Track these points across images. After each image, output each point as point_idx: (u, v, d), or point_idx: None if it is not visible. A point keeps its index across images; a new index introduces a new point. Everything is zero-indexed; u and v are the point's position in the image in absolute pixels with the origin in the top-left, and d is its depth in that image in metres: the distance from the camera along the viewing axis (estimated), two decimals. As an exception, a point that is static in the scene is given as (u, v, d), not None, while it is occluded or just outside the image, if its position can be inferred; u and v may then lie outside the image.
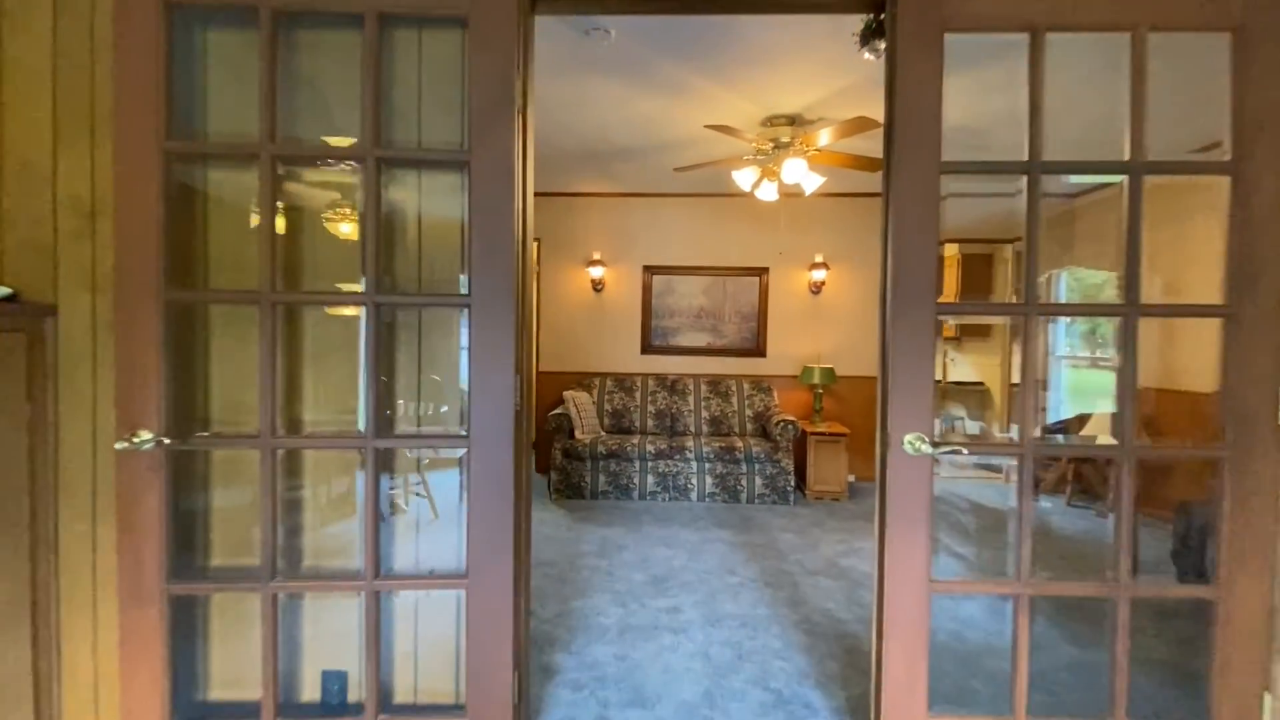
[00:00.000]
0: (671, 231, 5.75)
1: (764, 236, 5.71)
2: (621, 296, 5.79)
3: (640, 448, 4.85)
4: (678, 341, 5.76)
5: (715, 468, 4.88)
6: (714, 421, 5.37)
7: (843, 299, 5.70)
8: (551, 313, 5.84)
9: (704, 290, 5.76)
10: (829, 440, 5.07)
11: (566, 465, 4.91)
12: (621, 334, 5.80)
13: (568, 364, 5.86)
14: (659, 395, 5.44)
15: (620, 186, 5.53)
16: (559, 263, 5.83)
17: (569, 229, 5.80)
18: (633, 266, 5.78)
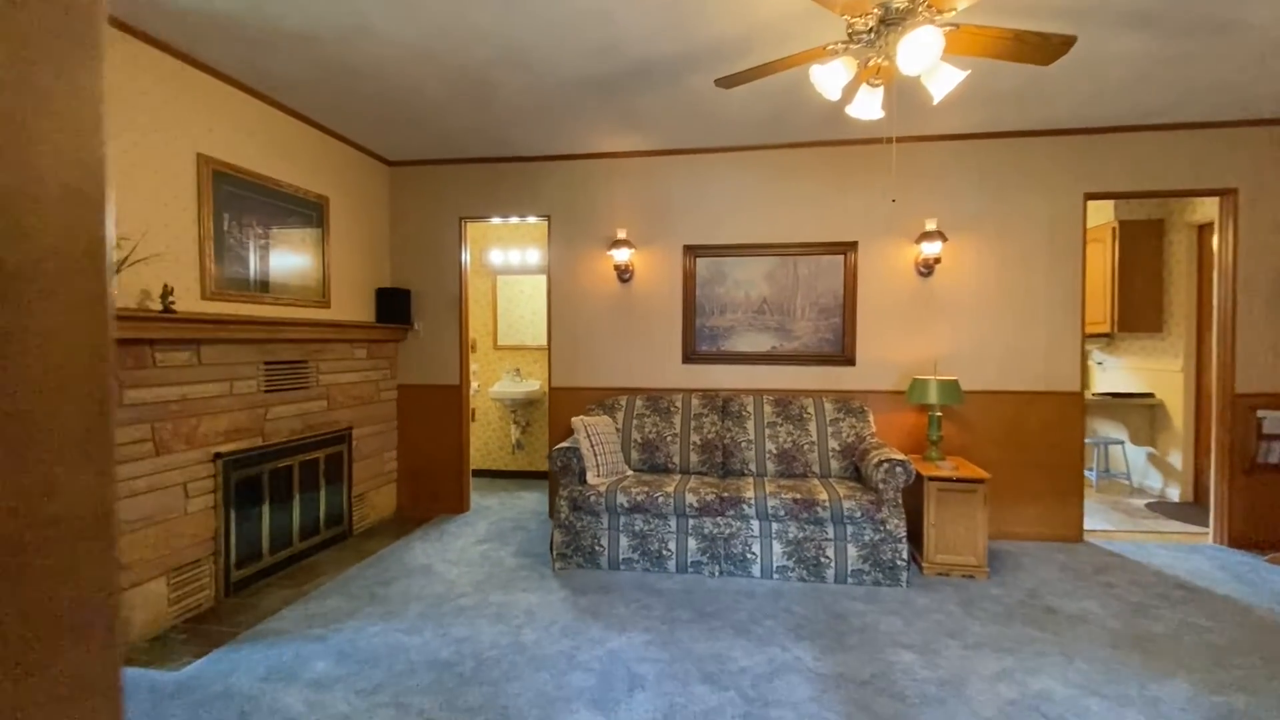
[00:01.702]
0: (721, 198, 4.27)
1: (852, 197, 4.14)
2: (655, 287, 4.36)
3: (678, 498, 3.38)
4: (731, 346, 4.27)
5: (787, 529, 3.35)
6: (783, 457, 3.83)
7: (966, 282, 4.05)
8: (564, 309, 4.47)
9: (767, 276, 4.24)
10: (959, 489, 3.44)
11: (575, 521, 3.51)
12: (655, 337, 4.36)
13: (584, 377, 4.46)
14: (706, 420, 3.96)
15: (650, 142, 4.11)
16: (573, 245, 4.45)
17: (586, 201, 4.42)
18: (669, 247, 4.33)
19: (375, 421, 4.45)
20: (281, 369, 3.54)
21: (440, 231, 4.63)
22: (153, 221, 2.80)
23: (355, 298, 4.29)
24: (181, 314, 2.81)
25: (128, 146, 2.67)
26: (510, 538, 4.07)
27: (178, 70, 2.92)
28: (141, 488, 2.72)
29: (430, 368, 4.66)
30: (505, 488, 5.51)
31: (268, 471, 3.43)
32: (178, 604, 2.90)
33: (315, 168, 3.88)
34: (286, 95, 3.41)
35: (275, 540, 3.48)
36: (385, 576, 3.41)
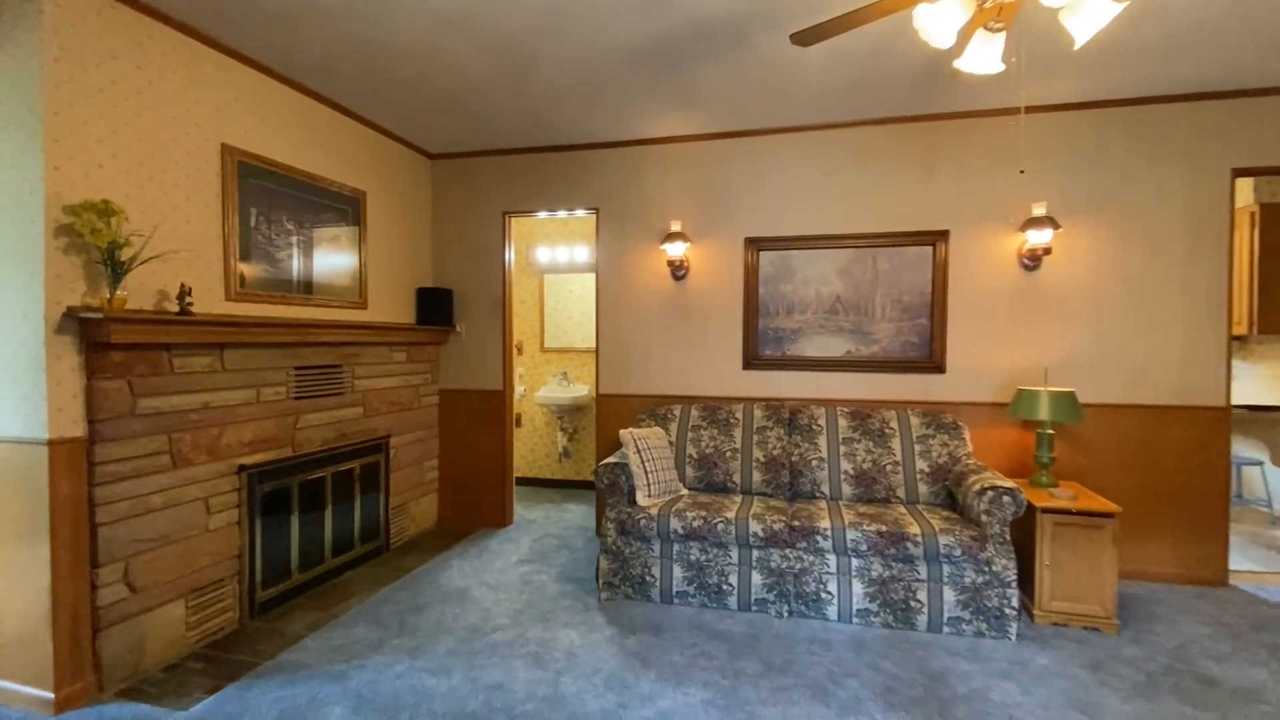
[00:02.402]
0: (788, 185, 3.81)
1: (942, 180, 3.60)
2: (713, 285, 3.93)
3: (740, 527, 2.96)
4: (799, 350, 3.80)
5: (870, 567, 2.87)
6: (861, 479, 3.34)
7: (1081, 276, 3.45)
8: (613, 310, 4.11)
9: (841, 271, 3.75)
10: (1081, 523, 2.88)
11: (623, 547, 3.13)
12: (713, 340, 3.94)
13: (634, 383, 4.08)
14: (770, 434, 3.51)
15: (708, 123, 3.68)
16: (623, 240, 4.08)
17: (637, 192, 4.04)
18: (729, 241, 3.90)
19: (415, 428, 4.21)
20: (313, 374, 3.32)
21: (483, 227, 4.35)
22: (172, 217, 2.59)
23: (394, 298, 4.06)
24: (200, 316, 2.60)
25: (143, 134, 2.47)
26: (553, 558, 3.73)
27: (200, 55, 2.71)
28: (157, 504, 2.51)
29: (472, 372, 4.39)
30: (551, 498, 5.20)
31: (297, 484, 3.21)
32: (197, 628, 2.69)
33: (351, 160, 3.65)
34: (316, 80, 3.18)
35: (305, 557, 3.25)
36: (418, 601, 3.13)
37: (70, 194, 2.21)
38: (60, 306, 2.19)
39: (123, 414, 2.38)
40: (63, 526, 2.20)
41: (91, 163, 2.28)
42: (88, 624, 2.29)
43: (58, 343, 2.18)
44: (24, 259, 2.16)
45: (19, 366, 2.18)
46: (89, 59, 2.27)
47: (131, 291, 2.41)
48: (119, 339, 2.24)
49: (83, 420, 2.26)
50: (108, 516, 2.33)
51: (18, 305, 2.17)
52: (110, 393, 2.33)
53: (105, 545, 2.33)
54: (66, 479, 2.21)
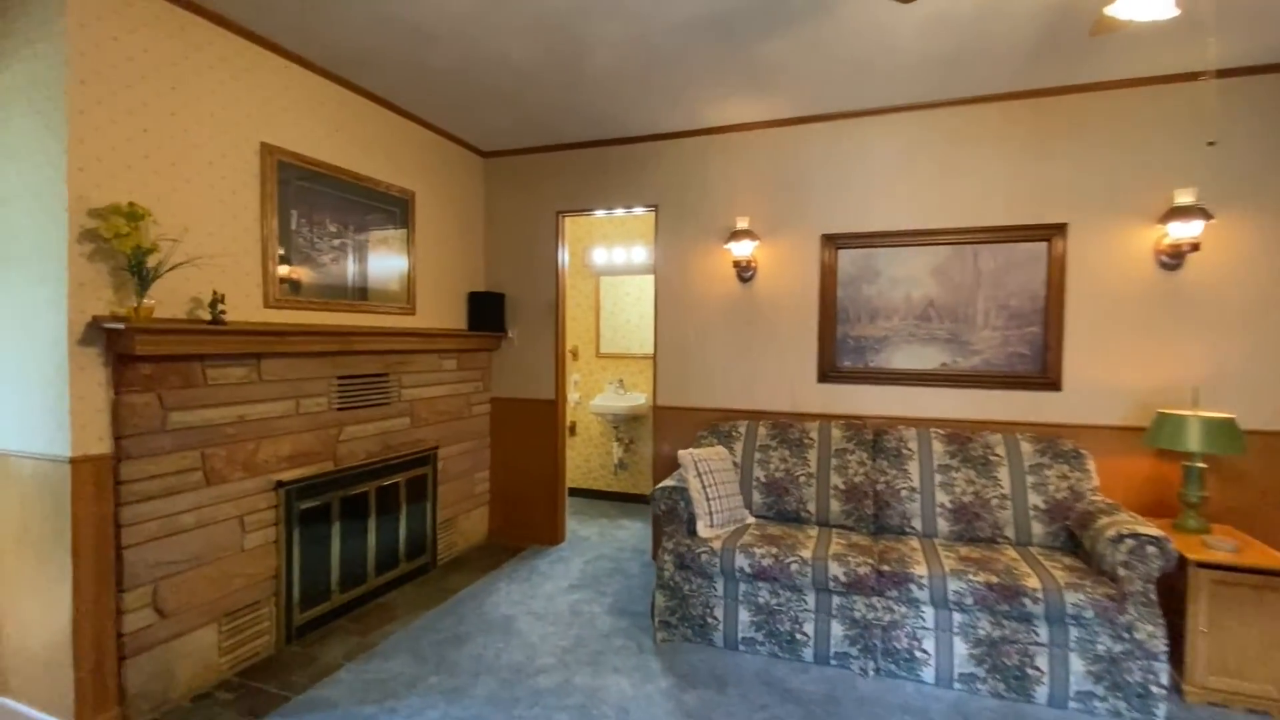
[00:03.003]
0: (872, 174, 3.36)
1: (1058, 164, 3.07)
2: (784, 287, 3.54)
3: (818, 569, 2.57)
4: (884, 362, 3.35)
5: (976, 623, 2.42)
6: (960, 514, 2.87)
7: (1239, 276, 2.85)
8: (672, 315, 3.78)
9: (935, 271, 3.27)
10: (1252, 583, 2.32)
11: (682, 582, 2.79)
12: (783, 349, 3.54)
13: (695, 395, 3.73)
14: (851, 457, 3.09)
15: (780, 107, 3.29)
16: (683, 239, 3.74)
17: (700, 186, 3.69)
18: (803, 238, 3.49)
19: (465, 439, 4.01)
20: (358, 384, 3.15)
21: (536, 228, 4.11)
22: (207, 220, 2.45)
23: (445, 303, 3.88)
24: (233, 325, 2.45)
25: (175, 133, 2.33)
26: (606, 585, 3.44)
27: (238, 49, 2.57)
28: (189, 523, 2.37)
29: (524, 380, 4.16)
30: (605, 512, 4.92)
31: (339, 499, 3.05)
32: (230, 653, 2.55)
33: (399, 159, 3.48)
34: (359, 73, 3.00)
35: (346, 577, 3.09)
36: (460, 630, 2.90)
37: (96, 197, 2.08)
38: (84, 316, 2.06)
39: (152, 429, 2.24)
40: (86, 549, 2.08)
41: (119, 164, 2.15)
42: (113, 652, 2.16)
43: (81, 355, 2.05)
44: (48, 266, 2.04)
45: (43, 380, 2.06)
46: (117, 54, 2.14)
47: (163, 299, 2.27)
48: (144, 351, 2.10)
49: (108, 436, 2.13)
50: (135, 538, 2.20)
51: (41, 315, 2.06)
52: (138, 407, 2.20)
53: (131, 568, 2.19)
54: (90, 499, 2.08)
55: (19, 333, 2.11)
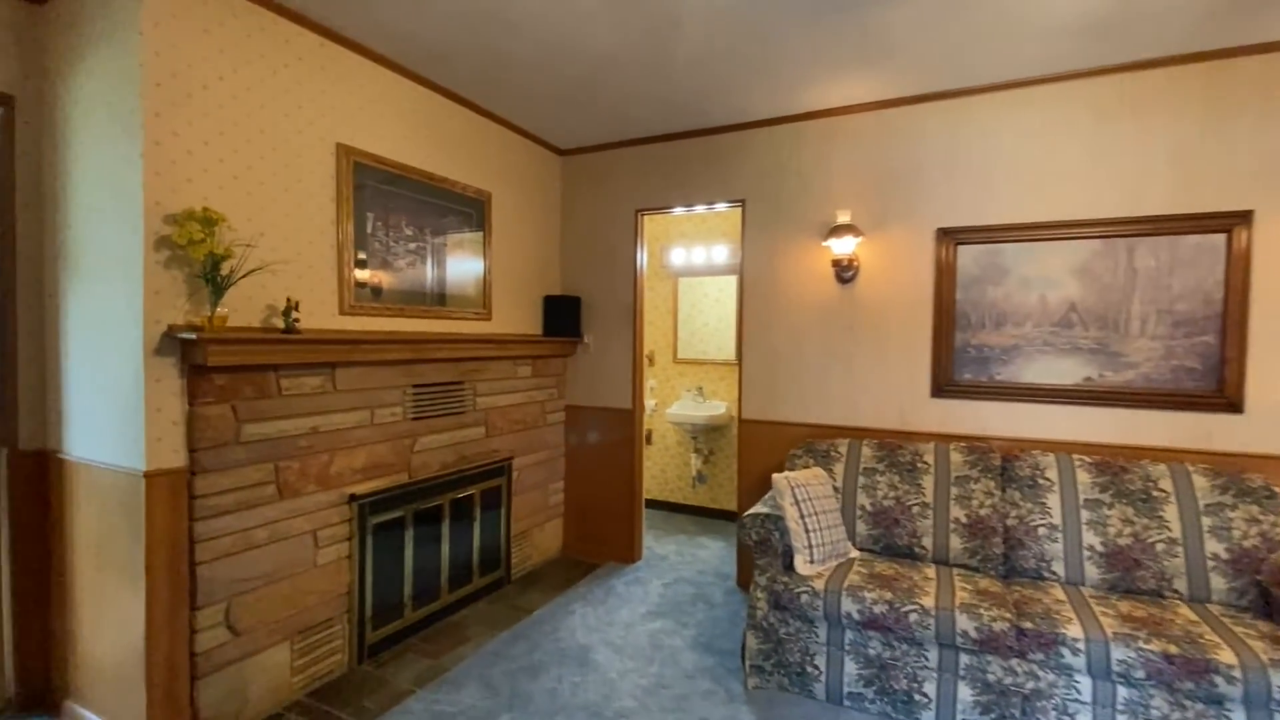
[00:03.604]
0: (1000, 158, 2.92)
1: (1240, 140, 2.53)
2: (891, 288, 3.14)
3: (943, 621, 2.19)
4: (1013, 375, 2.90)
5: (1148, 702, 1.97)
6: (1115, 560, 2.41)
7: None
8: (760, 319, 3.45)
9: (1078, 270, 2.79)
10: None
11: (777, 623, 2.48)
12: (890, 358, 3.15)
13: (786, 408, 3.39)
14: (975, 486, 2.67)
15: (891, 85, 2.91)
16: (774, 236, 3.41)
17: (794, 178, 3.35)
18: (915, 232, 3.09)
19: (539, 449, 3.85)
20: (432, 392, 3.03)
21: (614, 228, 3.89)
22: (282, 225, 2.37)
23: (520, 307, 3.72)
24: (307, 334, 2.35)
25: (251, 136, 2.25)
26: (689, 614, 3.17)
27: (313, 47, 2.47)
28: (261, 538, 2.29)
29: (600, 387, 3.96)
30: (683, 527, 4.65)
31: (412, 513, 2.94)
32: (303, 673, 2.46)
33: (475, 159, 3.34)
34: (435, 69, 2.87)
35: (419, 593, 2.98)
36: (534, 659, 2.72)
37: (172, 202, 2.01)
38: (160, 326, 1.99)
39: (226, 442, 2.17)
40: (159, 565, 2.01)
41: (195, 167, 2.08)
42: (185, 671, 2.09)
43: (157, 365, 1.99)
44: (124, 274, 1.98)
45: (120, 390, 2.02)
46: (194, 54, 2.07)
47: (238, 307, 2.20)
48: (217, 361, 2.01)
49: (183, 449, 2.06)
50: (208, 554, 2.13)
51: (118, 324, 2.01)
52: (212, 419, 2.12)
53: (205, 585, 2.12)
54: (164, 514, 2.02)
55: (99, 342, 2.08)
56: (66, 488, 2.22)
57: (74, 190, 2.14)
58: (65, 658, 2.26)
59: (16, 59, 2.17)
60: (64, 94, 2.15)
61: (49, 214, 2.22)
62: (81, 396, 2.15)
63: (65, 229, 2.17)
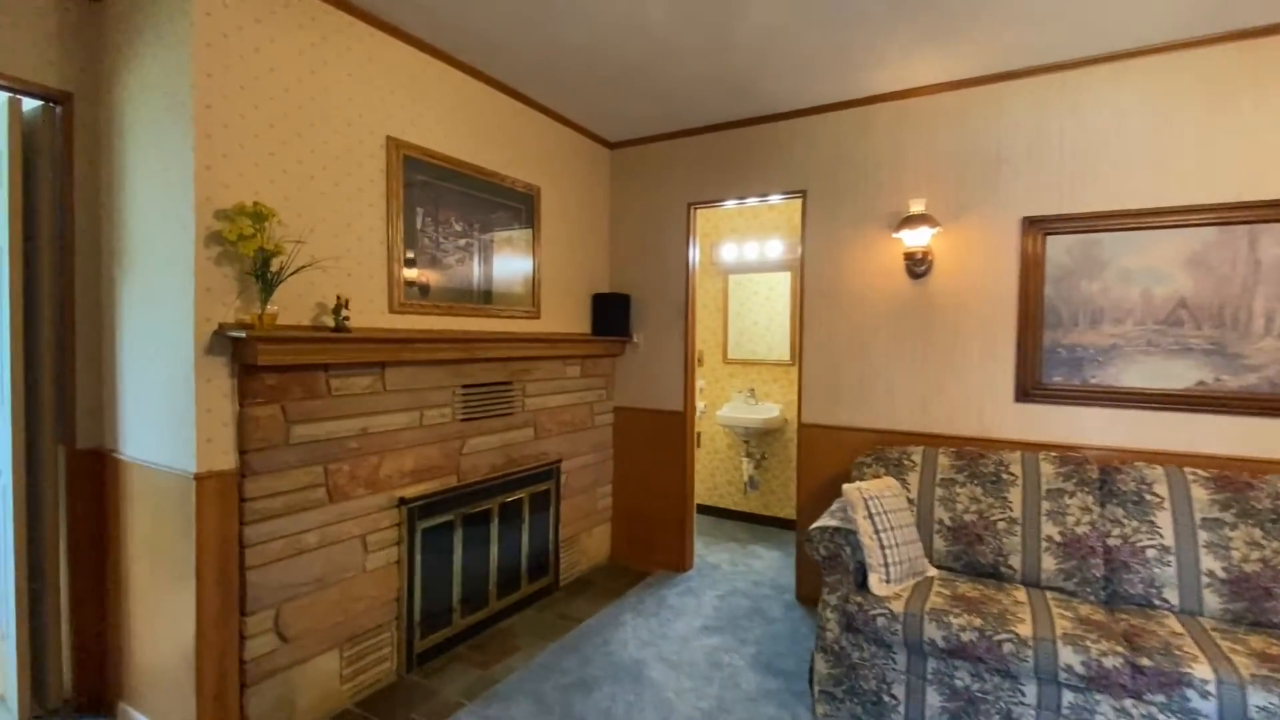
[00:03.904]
0: (1097, 138, 2.65)
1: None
2: (969, 283, 2.90)
3: (1042, 649, 1.97)
4: (1111, 378, 2.62)
5: (1297, 757, 1.71)
6: (1239, 588, 2.13)
7: None
8: (821, 317, 3.25)
9: (1189, 261, 2.51)
10: None
11: (849, 647, 2.29)
12: (968, 358, 2.90)
13: (850, 413, 3.18)
14: (1071, 501, 2.42)
15: (971, 63, 2.67)
16: (838, 228, 3.20)
17: (860, 165, 3.13)
18: (997, 221, 2.84)
19: (588, 451, 3.73)
20: (481, 393, 2.94)
21: (665, 223, 3.74)
22: (332, 220, 2.30)
23: (568, 306, 3.61)
24: (357, 332, 2.28)
25: (302, 128, 2.18)
26: (746, 629, 2.99)
27: (362, 36, 2.40)
28: (311, 543, 2.23)
29: (650, 388, 3.82)
30: (734, 534, 4.47)
31: (461, 517, 2.85)
32: (351, 681, 2.39)
33: (525, 153, 3.24)
34: (485, 59, 2.77)
35: (468, 600, 2.89)
36: (586, 673, 2.59)
37: (223, 197, 1.96)
38: (210, 324, 1.94)
39: (276, 443, 2.11)
40: (209, 570, 1.96)
41: (247, 161, 2.02)
42: (235, 679, 2.04)
43: (208, 364, 1.94)
44: (177, 271, 1.94)
45: (172, 390, 1.97)
46: (244, 44, 2.01)
47: (288, 304, 2.14)
48: (266, 360, 1.95)
49: (233, 451, 2.01)
50: (258, 559, 2.07)
51: (170, 322, 1.97)
52: (262, 420, 2.07)
53: (254, 591, 2.06)
54: (215, 517, 1.97)
55: (151, 341, 2.05)
56: (121, 488, 2.20)
57: (129, 187, 2.11)
58: (120, 659, 2.25)
59: (75, 56, 2.16)
60: (119, 90, 2.12)
61: (106, 212, 2.20)
62: (135, 396, 2.12)
63: (121, 226, 2.14)
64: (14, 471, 2.14)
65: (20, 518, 2.17)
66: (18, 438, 2.14)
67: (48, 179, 2.16)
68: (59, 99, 2.13)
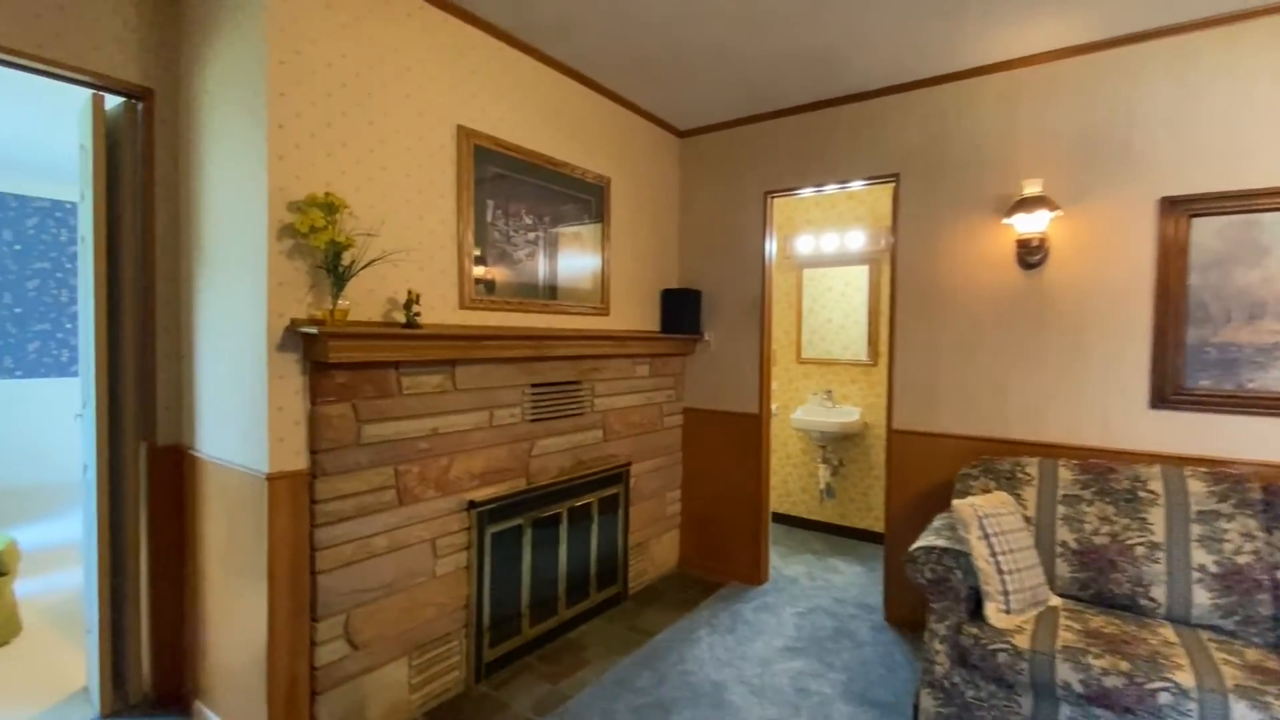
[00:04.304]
0: (1254, 105, 2.28)
1: None
2: (1093, 272, 2.56)
3: (1210, 701, 1.66)
4: (1273, 382, 2.25)
5: None
6: None
7: None
8: (916, 312, 2.97)
9: (1382, 244, 2.11)
10: None
11: (962, 684, 2.03)
12: (1091, 358, 2.57)
13: (951, 418, 2.88)
14: (1228, 525, 2.08)
15: (1099, 23, 2.35)
16: (935, 214, 2.91)
17: (962, 144, 2.84)
18: (1129, 202, 2.50)
19: (656, 454, 3.57)
20: (550, 392, 2.82)
21: (739, 214, 3.53)
22: (403, 212, 2.22)
23: (636, 302, 3.46)
24: (429, 329, 2.18)
25: (373, 117, 2.11)
26: (831, 652, 2.76)
27: (434, 22, 2.31)
28: (381, 547, 2.15)
29: (722, 389, 3.62)
30: (810, 545, 4.21)
31: (531, 522, 2.74)
32: (420, 690, 2.31)
33: (595, 142, 3.10)
34: (555, 44, 2.65)
35: (537, 609, 2.77)
36: (662, 694, 2.42)
37: (295, 188, 1.89)
38: (283, 320, 1.87)
39: (347, 443, 2.04)
40: (281, 573, 1.90)
41: (319, 151, 1.95)
42: (306, 686, 1.98)
43: (280, 361, 1.87)
44: (251, 265, 1.88)
45: (246, 387, 1.93)
46: (317, 29, 1.94)
47: (358, 299, 2.06)
48: (337, 357, 1.87)
49: (304, 451, 1.95)
50: (329, 562, 2.00)
51: (244, 317, 1.92)
52: (334, 419, 2.00)
53: (325, 595, 2.00)
54: (286, 519, 1.91)
55: (225, 338, 2.01)
56: (198, 486, 2.18)
57: (205, 181, 2.08)
58: (196, 658, 2.24)
59: (155, 52, 2.15)
60: (197, 83, 2.10)
61: (184, 208, 2.19)
62: (210, 394, 2.10)
63: (198, 221, 2.12)
64: (98, 467, 2.15)
65: (104, 513, 2.18)
66: (102, 433, 2.15)
67: (130, 176, 2.16)
68: (140, 95, 2.13)
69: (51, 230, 5.00)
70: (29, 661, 2.57)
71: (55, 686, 2.39)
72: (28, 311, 4.89)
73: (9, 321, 4.80)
